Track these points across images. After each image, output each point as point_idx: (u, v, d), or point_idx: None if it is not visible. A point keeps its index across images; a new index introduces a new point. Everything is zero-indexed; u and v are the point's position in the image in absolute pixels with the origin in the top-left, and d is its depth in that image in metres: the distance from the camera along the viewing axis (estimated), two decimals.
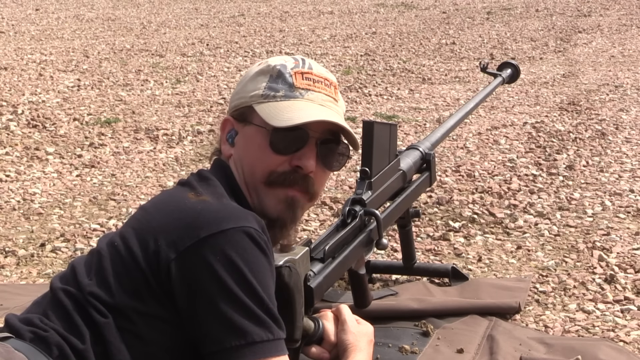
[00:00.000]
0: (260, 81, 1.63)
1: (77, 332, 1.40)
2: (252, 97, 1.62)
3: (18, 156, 4.45)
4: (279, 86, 1.61)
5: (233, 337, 1.38)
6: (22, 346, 1.37)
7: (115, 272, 1.44)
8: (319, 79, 1.64)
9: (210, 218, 1.43)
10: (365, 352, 1.68)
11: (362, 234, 2.01)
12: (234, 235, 1.41)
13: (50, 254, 3.08)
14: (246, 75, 1.68)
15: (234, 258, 1.40)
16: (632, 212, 3.40)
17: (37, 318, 1.43)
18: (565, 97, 5.84)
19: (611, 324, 2.43)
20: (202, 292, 1.40)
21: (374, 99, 6.02)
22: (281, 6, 12.62)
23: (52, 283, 1.50)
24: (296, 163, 1.60)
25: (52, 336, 1.39)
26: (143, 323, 1.42)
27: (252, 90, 1.63)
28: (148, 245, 1.43)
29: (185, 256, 1.41)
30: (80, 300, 1.43)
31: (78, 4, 13.05)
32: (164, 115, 5.42)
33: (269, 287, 1.44)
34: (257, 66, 1.67)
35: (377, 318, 2.30)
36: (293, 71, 1.62)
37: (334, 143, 1.65)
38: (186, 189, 1.55)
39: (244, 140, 1.63)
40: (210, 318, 1.40)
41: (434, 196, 3.60)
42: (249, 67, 1.69)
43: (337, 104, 1.66)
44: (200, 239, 1.40)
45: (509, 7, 11.98)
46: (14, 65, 7.27)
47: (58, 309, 1.44)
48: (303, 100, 1.61)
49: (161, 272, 1.41)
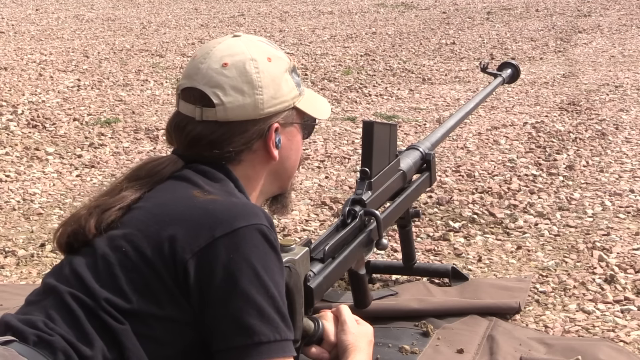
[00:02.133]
0: (290, 79, 1.64)
1: (85, 339, 1.38)
2: (294, 98, 1.65)
3: (18, 156, 4.45)
4: (297, 78, 1.67)
5: (240, 336, 1.38)
6: (26, 351, 1.34)
7: (129, 278, 1.42)
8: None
9: (223, 217, 1.44)
10: (365, 353, 1.68)
11: (362, 234, 2.01)
12: (247, 233, 1.42)
13: (50, 254, 3.08)
14: (272, 74, 1.60)
15: (247, 256, 1.41)
16: (632, 212, 3.40)
17: (41, 321, 1.39)
18: (565, 97, 5.83)
19: (611, 324, 2.43)
20: (215, 290, 1.40)
21: (374, 99, 6.02)
22: (281, 6, 12.62)
23: (51, 283, 1.47)
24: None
25: (57, 341, 1.36)
26: (161, 327, 1.41)
27: (289, 90, 1.64)
28: (162, 248, 1.42)
29: (200, 256, 1.41)
30: (92, 307, 1.40)
31: (78, 4, 13.05)
32: (164, 115, 5.42)
33: (280, 285, 1.45)
34: (277, 62, 1.62)
35: (377, 318, 2.30)
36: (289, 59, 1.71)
37: None
38: (189, 186, 1.54)
39: (288, 141, 1.66)
40: (220, 316, 1.40)
41: (434, 196, 3.60)
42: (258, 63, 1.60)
43: None
44: (215, 239, 1.41)
45: (509, 7, 11.97)
46: (14, 65, 7.27)
47: (65, 314, 1.40)
48: (306, 88, 1.71)
49: (178, 273, 1.41)
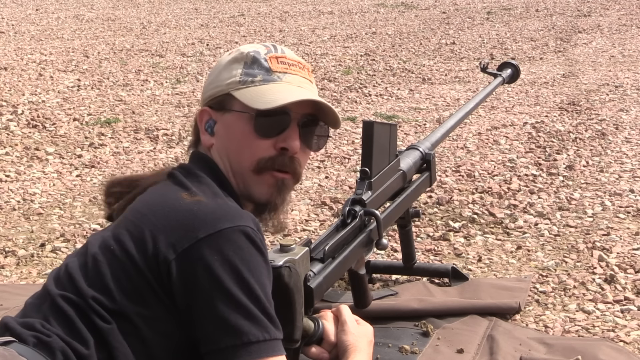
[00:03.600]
0: (234, 69, 1.64)
1: (80, 337, 1.40)
2: (229, 85, 1.63)
3: (18, 156, 4.45)
4: (255, 71, 1.63)
5: (229, 337, 1.39)
6: (26, 351, 1.36)
7: (115, 277, 1.44)
8: (293, 62, 1.67)
9: (207, 218, 1.44)
10: (364, 353, 1.68)
11: (362, 234, 2.01)
12: (231, 235, 1.42)
13: (50, 254, 3.08)
14: (218, 65, 1.69)
15: (231, 257, 1.41)
16: (632, 212, 3.40)
17: (39, 323, 1.42)
18: (565, 97, 5.84)
19: (611, 324, 2.43)
20: (200, 292, 1.40)
21: (374, 99, 6.02)
22: (281, 6, 12.62)
23: (48, 286, 1.50)
24: (281, 145, 1.61)
25: (55, 341, 1.39)
26: (146, 326, 1.42)
27: (227, 78, 1.64)
28: (146, 248, 1.44)
29: (183, 257, 1.41)
30: (82, 306, 1.42)
31: (78, 4, 13.05)
32: (164, 115, 5.42)
33: (266, 286, 1.45)
34: (227, 55, 1.69)
35: (377, 318, 2.30)
36: (267, 56, 1.64)
37: (313, 124, 1.67)
38: (177, 188, 1.55)
39: (225, 129, 1.64)
40: (207, 317, 1.40)
41: (434, 196, 3.60)
42: (219, 58, 1.72)
43: (312, 85, 1.69)
44: (199, 240, 1.41)
45: (509, 7, 11.98)
46: (14, 65, 7.27)
47: (59, 315, 1.43)
48: (282, 83, 1.63)
49: (161, 273, 1.42)
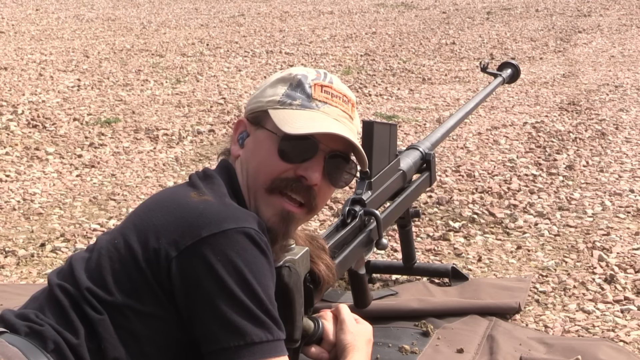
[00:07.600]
0: (279, 88, 1.63)
1: (71, 327, 1.41)
2: (269, 102, 1.62)
3: (18, 156, 4.45)
4: (297, 95, 1.61)
5: (232, 338, 1.39)
6: (17, 340, 1.38)
7: (113, 269, 1.45)
8: (338, 94, 1.64)
9: (212, 218, 1.44)
10: (363, 352, 1.68)
11: (362, 234, 2.01)
12: (235, 236, 1.42)
13: (50, 254, 3.08)
14: (267, 81, 1.68)
15: (234, 258, 1.40)
16: (632, 212, 3.40)
17: (33, 313, 1.44)
18: (565, 97, 5.84)
19: (611, 324, 2.43)
20: (201, 292, 1.40)
21: (374, 99, 6.02)
22: (281, 6, 12.62)
23: (49, 278, 1.52)
24: (301, 173, 1.58)
25: (47, 330, 1.40)
26: (139, 321, 1.43)
27: (270, 95, 1.63)
28: (148, 243, 1.44)
29: (185, 255, 1.42)
30: (76, 296, 1.44)
31: (78, 4, 13.05)
32: (164, 115, 5.42)
33: (269, 288, 1.45)
34: (279, 73, 1.68)
35: (377, 318, 2.30)
36: (313, 82, 1.62)
37: (342, 159, 1.64)
38: (189, 188, 1.56)
39: (253, 143, 1.63)
40: (209, 317, 1.40)
41: (434, 196, 3.60)
42: (272, 74, 1.73)
43: (352, 122, 1.65)
44: (201, 238, 1.41)
45: (509, 7, 11.98)
46: (14, 65, 7.27)
47: (54, 304, 1.45)
48: (318, 112, 1.60)
49: (161, 269, 1.42)
